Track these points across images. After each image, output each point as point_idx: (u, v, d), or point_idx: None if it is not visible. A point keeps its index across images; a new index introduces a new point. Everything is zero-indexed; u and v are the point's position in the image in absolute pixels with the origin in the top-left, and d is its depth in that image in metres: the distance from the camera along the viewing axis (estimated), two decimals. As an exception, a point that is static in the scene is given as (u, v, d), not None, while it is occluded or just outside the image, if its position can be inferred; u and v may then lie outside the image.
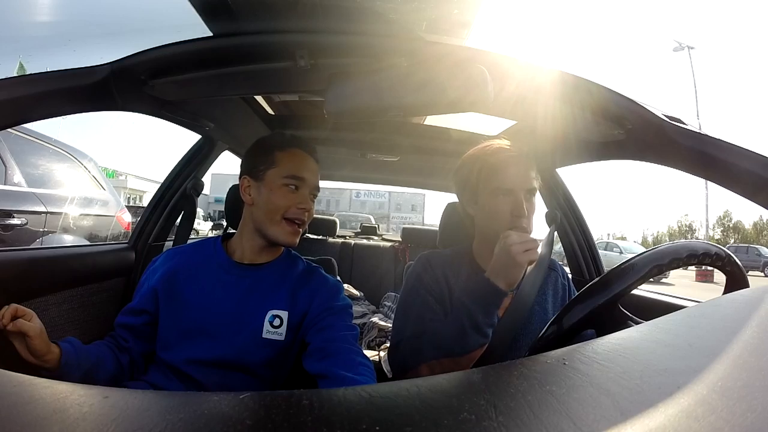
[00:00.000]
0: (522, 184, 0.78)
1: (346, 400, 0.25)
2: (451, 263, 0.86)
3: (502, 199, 0.78)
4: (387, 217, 26.64)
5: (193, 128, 1.23)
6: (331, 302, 0.80)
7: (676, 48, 21.93)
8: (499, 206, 0.79)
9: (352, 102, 0.76)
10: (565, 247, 1.46)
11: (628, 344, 0.32)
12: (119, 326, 0.81)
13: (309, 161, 0.82)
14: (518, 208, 0.77)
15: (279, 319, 0.78)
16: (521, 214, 0.77)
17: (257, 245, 0.82)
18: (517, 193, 0.78)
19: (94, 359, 0.71)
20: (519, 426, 0.21)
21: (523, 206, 0.77)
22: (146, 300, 0.81)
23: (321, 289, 0.82)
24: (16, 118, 0.74)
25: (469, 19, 0.73)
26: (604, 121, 0.83)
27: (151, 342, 0.81)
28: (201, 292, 0.79)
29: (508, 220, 0.77)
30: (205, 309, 0.77)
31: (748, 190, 0.64)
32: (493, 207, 0.80)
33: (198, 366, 0.75)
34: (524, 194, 0.78)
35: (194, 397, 0.25)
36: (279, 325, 0.77)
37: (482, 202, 0.82)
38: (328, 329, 0.76)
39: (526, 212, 0.77)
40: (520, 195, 0.78)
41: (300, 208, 0.78)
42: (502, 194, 0.78)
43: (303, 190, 0.80)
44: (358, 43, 0.77)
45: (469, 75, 0.72)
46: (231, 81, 0.88)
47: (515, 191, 0.78)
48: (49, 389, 0.24)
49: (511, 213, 0.77)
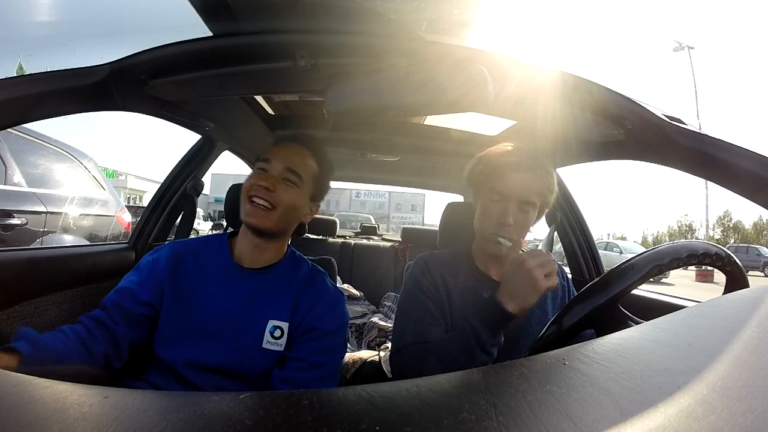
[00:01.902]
0: (517, 193, 0.75)
1: (346, 400, 0.25)
2: (449, 264, 0.86)
3: (495, 202, 0.77)
4: (387, 217, 26.64)
5: (193, 128, 1.23)
6: (323, 322, 0.78)
7: (676, 48, 21.94)
8: (489, 208, 0.77)
9: (352, 102, 0.76)
10: (565, 247, 1.46)
11: (628, 344, 0.32)
12: (114, 306, 0.76)
13: (288, 147, 0.82)
14: (503, 215, 0.75)
15: (280, 330, 0.77)
16: (505, 221, 0.74)
17: (250, 241, 0.81)
18: (509, 201, 0.76)
19: (58, 356, 0.65)
20: (519, 426, 0.21)
21: (508, 214, 0.75)
22: (153, 293, 0.78)
23: (320, 301, 0.80)
24: (16, 118, 0.74)
25: (469, 19, 0.73)
26: (604, 121, 0.83)
27: (143, 332, 0.78)
28: (205, 292, 0.78)
29: (493, 224, 0.76)
30: (208, 309, 0.76)
31: (748, 190, 0.64)
32: (485, 208, 0.79)
33: (197, 370, 0.74)
34: (517, 204, 0.76)
35: (194, 397, 0.25)
36: (279, 336, 0.76)
37: (480, 201, 0.81)
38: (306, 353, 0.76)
39: (511, 221, 0.75)
40: (511, 203, 0.75)
41: (258, 185, 0.76)
42: (495, 197, 0.77)
43: (271, 171, 0.78)
44: (358, 43, 0.77)
45: (469, 75, 0.72)
46: (231, 81, 0.88)
47: (508, 198, 0.76)
48: (49, 389, 0.24)
49: (497, 218, 0.76)
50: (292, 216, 0.81)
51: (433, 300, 0.81)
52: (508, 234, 0.75)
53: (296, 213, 0.81)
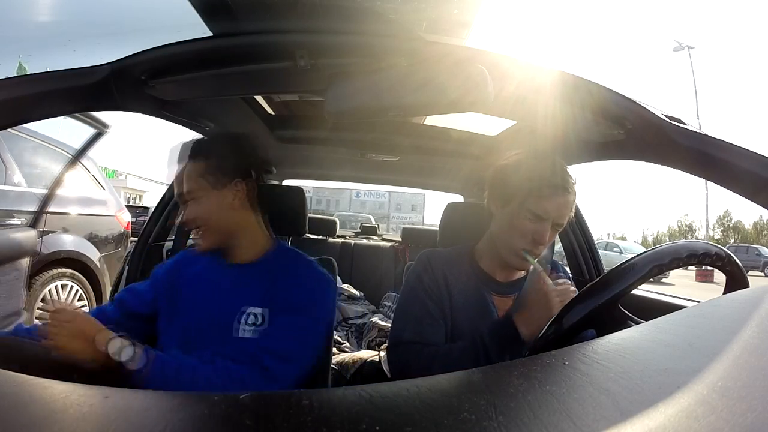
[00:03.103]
0: (556, 216, 0.76)
1: (346, 400, 0.25)
2: (452, 262, 0.86)
3: (531, 221, 0.76)
4: (387, 217, 26.60)
5: (193, 128, 1.23)
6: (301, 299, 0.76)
7: (676, 48, 21.93)
8: (524, 225, 0.77)
9: (352, 102, 0.76)
10: (565, 247, 1.46)
11: (628, 344, 0.32)
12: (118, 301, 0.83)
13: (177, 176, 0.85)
14: (541, 237, 0.76)
15: (258, 317, 0.75)
16: (542, 242, 0.76)
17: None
18: (547, 222, 0.76)
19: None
20: (519, 426, 0.21)
21: (545, 235, 0.76)
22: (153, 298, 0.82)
23: (301, 281, 0.79)
24: (16, 118, 0.74)
25: (469, 19, 0.73)
26: (604, 121, 0.83)
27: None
28: (194, 294, 0.79)
29: (527, 241, 0.76)
30: (194, 311, 0.77)
31: (748, 190, 0.64)
32: (517, 222, 0.77)
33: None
34: (553, 225, 0.77)
35: (194, 397, 0.25)
36: (259, 323, 0.75)
37: (509, 210, 0.79)
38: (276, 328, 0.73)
39: (546, 241, 0.77)
40: (548, 225, 0.76)
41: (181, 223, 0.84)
42: (532, 216, 0.76)
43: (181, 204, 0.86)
44: (358, 43, 0.77)
45: (469, 75, 0.72)
46: (231, 81, 0.88)
47: (546, 220, 0.76)
48: (49, 389, 0.24)
49: (532, 237, 0.76)
50: (220, 220, 0.79)
51: (433, 298, 0.82)
52: (539, 251, 0.77)
53: (219, 214, 0.79)
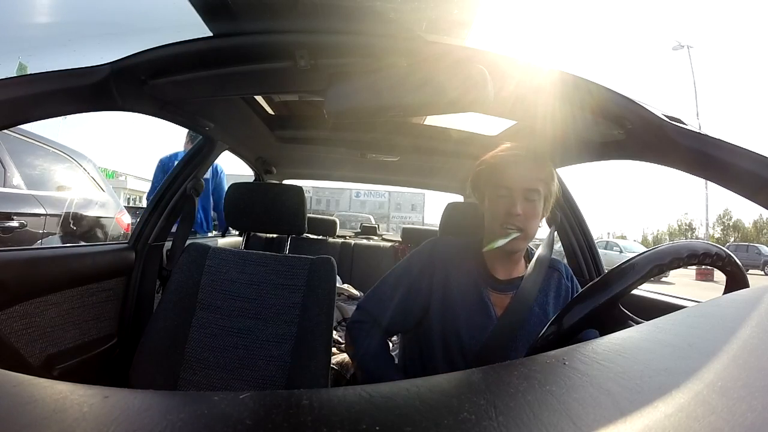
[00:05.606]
0: (520, 183, 0.78)
1: (346, 400, 0.25)
2: (457, 255, 0.87)
3: (501, 198, 0.80)
4: (387, 216, 26.60)
5: (193, 128, 1.23)
6: None
7: (675, 47, 21.92)
8: (497, 205, 0.80)
9: (352, 102, 0.76)
10: (565, 247, 1.46)
11: (628, 344, 0.32)
12: None
13: None
14: (511, 206, 0.78)
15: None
16: (513, 211, 0.77)
17: None
18: (514, 192, 0.78)
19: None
20: (519, 426, 0.21)
21: (516, 205, 0.77)
22: None
23: None
24: (16, 118, 0.74)
25: (469, 19, 0.73)
26: (604, 121, 0.83)
27: None
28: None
29: (503, 216, 0.78)
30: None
31: (748, 190, 0.64)
32: (493, 205, 0.82)
33: None
34: (522, 193, 0.78)
35: (194, 397, 0.25)
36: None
37: (487, 201, 0.84)
38: None
39: (519, 211, 0.77)
40: (517, 194, 0.78)
41: None
42: (501, 193, 0.80)
43: None
44: (358, 43, 0.77)
45: (468, 75, 0.72)
46: (231, 81, 0.88)
47: (512, 190, 0.79)
48: (49, 389, 0.24)
49: (506, 210, 0.78)
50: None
51: (413, 291, 0.85)
52: (519, 223, 0.77)
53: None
